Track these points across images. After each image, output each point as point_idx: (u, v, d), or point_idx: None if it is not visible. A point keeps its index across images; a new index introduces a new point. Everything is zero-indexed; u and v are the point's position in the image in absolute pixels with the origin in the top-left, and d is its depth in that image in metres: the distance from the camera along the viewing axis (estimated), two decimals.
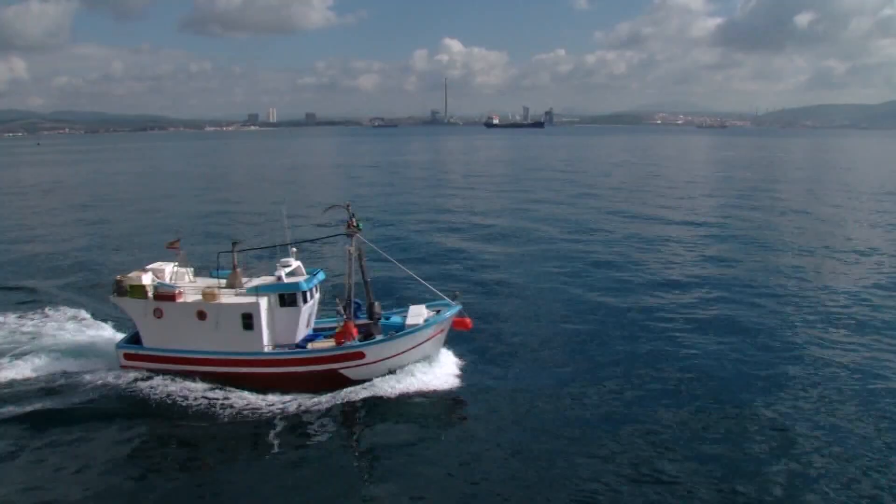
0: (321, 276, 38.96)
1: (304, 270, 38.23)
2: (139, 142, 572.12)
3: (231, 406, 34.20)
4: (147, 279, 38.30)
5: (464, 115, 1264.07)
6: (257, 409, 33.99)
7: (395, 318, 38.62)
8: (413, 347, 36.62)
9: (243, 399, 34.79)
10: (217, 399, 34.86)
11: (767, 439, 30.10)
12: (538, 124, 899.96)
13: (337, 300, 38.23)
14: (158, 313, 37.34)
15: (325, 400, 34.30)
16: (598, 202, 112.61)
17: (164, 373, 37.17)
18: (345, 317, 37.26)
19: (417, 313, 37.64)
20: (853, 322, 46.28)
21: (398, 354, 36.35)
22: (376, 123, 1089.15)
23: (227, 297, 37.00)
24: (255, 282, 38.16)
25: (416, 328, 36.48)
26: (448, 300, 38.79)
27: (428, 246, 74.49)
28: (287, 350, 36.98)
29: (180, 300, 37.23)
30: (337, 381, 35.73)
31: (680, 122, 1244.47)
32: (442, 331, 37.69)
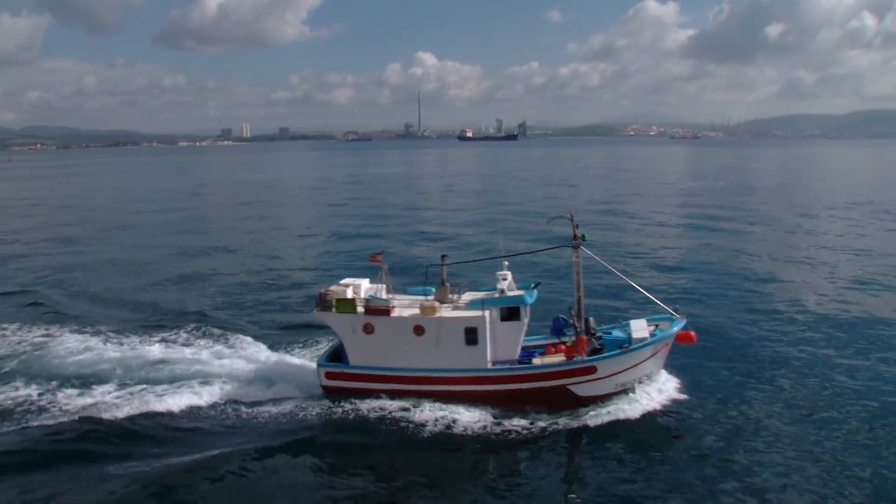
0: (535, 291, 37.43)
1: (514, 284, 36.90)
2: (124, 157, 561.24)
3: (450, 427, 32.90)
4: (350, 294, 36.91)
5: (437, 128, 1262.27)
6: (479, 429, 32.71)
7: (617, 333, 37.49)
8: (642, 362, 35.64)
9: (462, 419, 33.44)
10: (436, 419, 33.41)
11: None
12: (511, 137, 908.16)
13: (571, 312, 36.93)
14: (369, 329, 35.92)
15: (550, 417, 33.45)
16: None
17: (372, 392, 35.62)
18: (579, 330, 36.18)
19: (641, 328, 36.47)
20: None
21: (628, 369, 35.26)
22: (350, 137, 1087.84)
23: (447, 311, 35.79)
24: (467, 296, 37.18)
25: (646, 342, 35.47)
26: (671, 313, 37.86)
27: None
28: (515, 366, 35.69)
29: (395, 314, 35.95)
30: (564, 399, 34.54)
31: (653, 133, 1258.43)
32: (666, 345, 36.77)
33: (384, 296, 37.21)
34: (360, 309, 36.28)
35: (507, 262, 37.56)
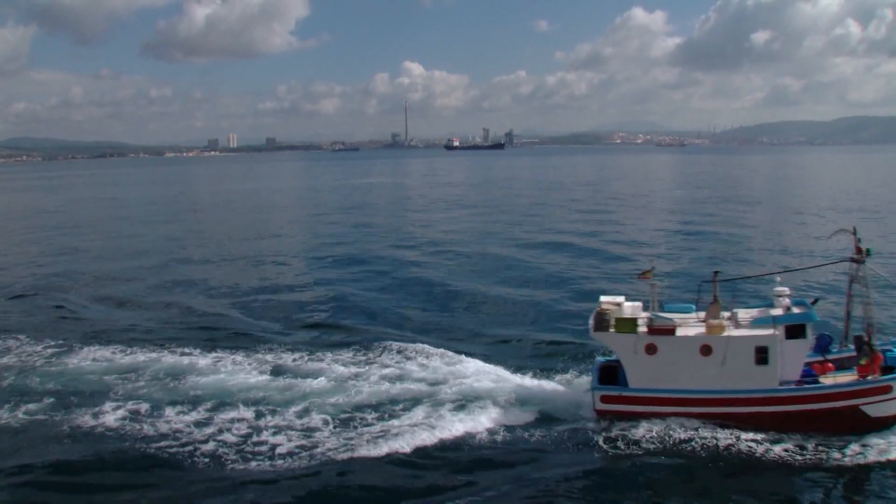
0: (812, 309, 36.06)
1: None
2: (121, 168, 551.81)
3: (739, 450, 31.84)
4: (628, 312, 36.18)
5: (424, 138, 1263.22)
6: (771, 452, 31.55)
7: None
8: None
9: (751, 442, 32.23)
10: (724, 443, 32.32)
11: None
12: (498, 146, 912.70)
13: (867, 329, 35.39)
14: (651, 349, 34.73)
15: (836, 437, 32.25)
16: None
17: (654, 415, 34.32)
18: (875, 347, 34.63)
19: None
20: None
21: None
22: (337, 147, 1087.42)
23: (734, 330, 34.72)
24: (742, 313, 36.11)
25: None
26: None
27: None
28: (808, 386, 34.27)
29: (680, 334, 34.86)
30: (854, 419, 33.07)
31: (639, 141, 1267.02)
32: None
33: (641, 313, 36.63)
34: (642, 328, 35.32)
35: (779, 278, 36.89)
